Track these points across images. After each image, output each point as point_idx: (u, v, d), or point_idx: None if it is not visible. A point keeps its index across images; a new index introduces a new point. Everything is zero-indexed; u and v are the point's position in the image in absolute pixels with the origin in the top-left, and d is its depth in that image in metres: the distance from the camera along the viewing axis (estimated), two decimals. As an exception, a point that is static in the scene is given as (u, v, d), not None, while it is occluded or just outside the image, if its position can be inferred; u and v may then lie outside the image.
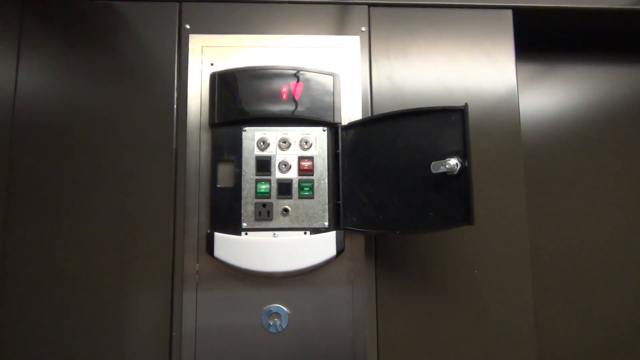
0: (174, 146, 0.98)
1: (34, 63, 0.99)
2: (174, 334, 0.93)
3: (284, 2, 1.04)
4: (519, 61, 1.09)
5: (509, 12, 1.08)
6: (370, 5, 1.06)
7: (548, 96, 1.30)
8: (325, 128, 0.98)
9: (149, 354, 0.93)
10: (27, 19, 0.99)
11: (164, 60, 1.01)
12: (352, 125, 0.98)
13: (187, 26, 1.02)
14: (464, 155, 0.82)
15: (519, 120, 1.04)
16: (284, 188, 0.95)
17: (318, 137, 0.98)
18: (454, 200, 0.83)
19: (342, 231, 0.95)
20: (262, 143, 0.96)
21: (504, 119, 1.04)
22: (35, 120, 0.97)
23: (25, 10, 1.00)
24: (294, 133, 0.97)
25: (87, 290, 0.93)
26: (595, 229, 1.24)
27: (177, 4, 1.03)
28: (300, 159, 0.97)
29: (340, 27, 1.05)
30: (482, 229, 1.00)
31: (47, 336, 0.92)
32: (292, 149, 0.97)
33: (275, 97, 0.96)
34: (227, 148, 0.96)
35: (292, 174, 0.96)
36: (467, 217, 0.80)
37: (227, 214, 0.94)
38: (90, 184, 0.96)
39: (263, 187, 0.95)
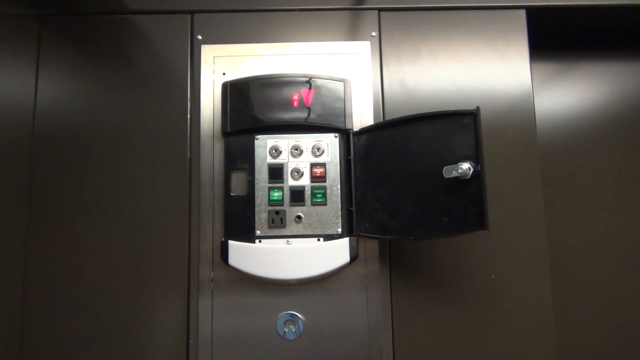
0: (188, 155, 0.99)
1: (52, 76, 1.01)
2: (190, 341, 0.94)
3: (293, 10, 1.05)
4: (534, 61, 1.07)
5: (523, 12, 1.07)
6: (380, 10, 1.06)
7: (564, 96, 1.28)
8: (337, 134, 0.98)
9: (167, 361, 0.94)
10: (45, 33, 1.02)
11: (178, 71, 1.02)
12: (364, 130, 0.97)
13: (199, 37, 1.04)
14: (476, 159, 0.81)
15: (535, 122, 1.02)
16: (297, 195, 0.96)
17: (330, 143, 0.98)
18: (467, 205, 0.82)
19: (355, 237, 0.94)
20: (274, 151, 0.97)
21: (519, 121, 1.02)
22: (54, 131, 1.00)
23: (43, 25, 1.03)
24: (306, 140, 0.98)
25: (104, 298, 0.95)
26: (615, 230, 1.21)
27: (189, 15, 1.04)
28: (313, 165, 0.97)
29: (351, 33, 1.05)
30: (499, 232, 0.99)
31: (66, 343, 0.94)
32: (304, 156, 0.97)
33: (287, 104, 0.97)
34: (240, 156, 0.97)
35: (305, 181, 0.96)
36: (480, 222, 0.79)
37: (240, 222, 0.95)
38: (107, 193, 0.98)
39: (276, 194, 0.96)
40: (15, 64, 0.96)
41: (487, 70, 1.04)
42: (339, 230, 0.95)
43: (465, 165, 0.80)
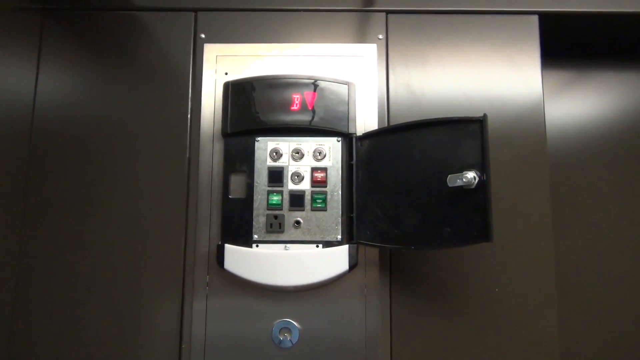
0: (187, 155, 0.98)
1: (53, 73, 1.00)
2: (183, 346, 0.92)
3: (299, 10, 1.03)
4: (546, 68, 1.04)
5: (535, 18, 1.04)
6: (388, 12, 1.03)
7: (577, 104, 1.24)
8: (339, 138, 0.96)
9: (159, 365, 0.92)
10: (47, 28, 1.01)
11: (179, 70, 1.01)
12: (367, 135, 0.95)
13: (202, 35, 1.02)
14: (482, 168, 0.78)
15: (545, 130, 0.99)
16: (296, 200, 0.93)
17: (332, 147, 0.95)
18: (471, 215, 0.79)
19: (355, 245, 0.92)
20: (274, 153, 0.95)
21: (529, 129, 0.99)
22: (52, 127, 0.98)
23: (45, 20, 1.01)
24: (308, 143, 0.95)
25: (98, 298, 0.93)
26: (624, 243, 1.18)
27: (193, 13, 1.03)
28: (314, 170, 0.94)
29: (357, 35, 1.03)
30: (504, 244, 0.96)
31: (57, 344, 0.92)
32: (305, 160, 0.95)
33: (289, 106, 0.95)
34: (239, 158, 0.95)
35: (305, 186, 0.94)
36: (484, 233, 0.76)
37: (238, 226, 0.93)
38: (104, 192, 0.96)
39: (275, 198, 0.93)
40: (16, 58, 0.95)
41: (496, 76, 1.02)
42: (339, 237, 0.93)
43: (471, 174, 0.77)
